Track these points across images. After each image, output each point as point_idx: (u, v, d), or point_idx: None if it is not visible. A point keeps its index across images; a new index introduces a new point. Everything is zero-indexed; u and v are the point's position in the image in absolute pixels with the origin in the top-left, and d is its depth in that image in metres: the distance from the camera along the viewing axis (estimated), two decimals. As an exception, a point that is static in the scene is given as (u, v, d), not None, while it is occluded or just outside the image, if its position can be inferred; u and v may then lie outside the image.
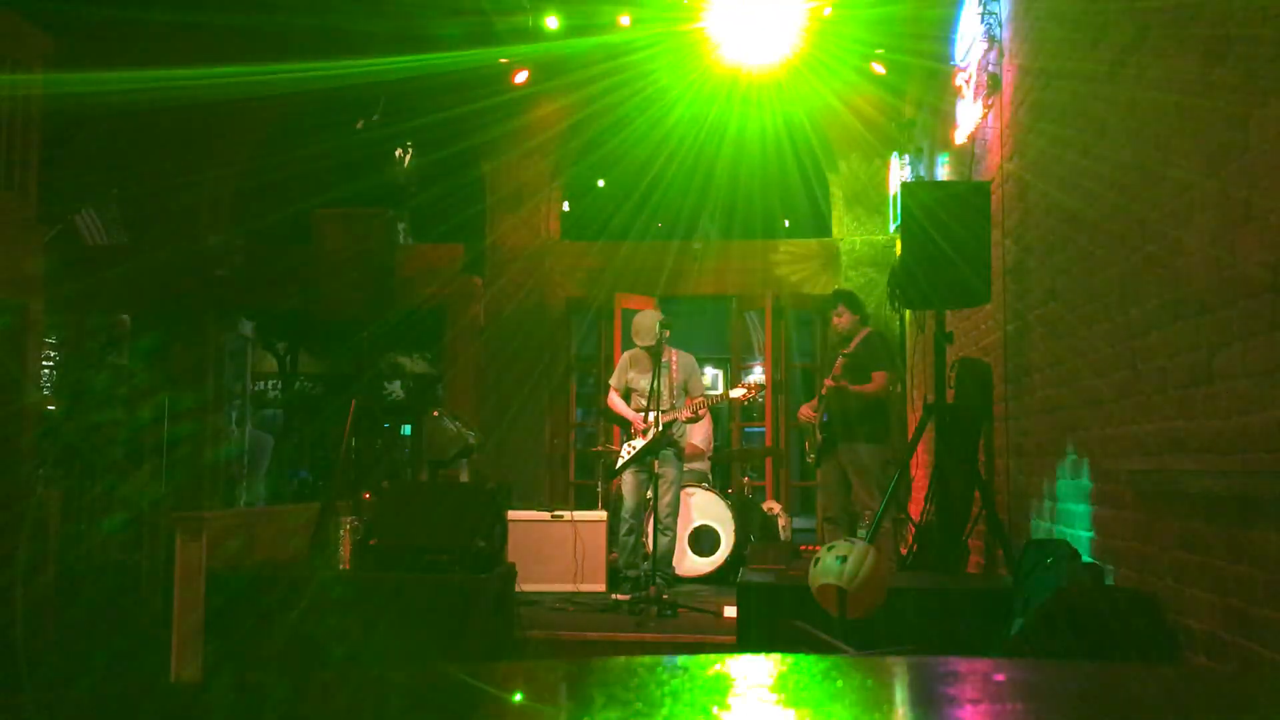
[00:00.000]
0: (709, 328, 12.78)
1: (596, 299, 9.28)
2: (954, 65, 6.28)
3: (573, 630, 5.49)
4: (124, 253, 10.21)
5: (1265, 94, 2.65)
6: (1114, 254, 3.73)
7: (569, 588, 6.74)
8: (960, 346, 6.20)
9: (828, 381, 6.06)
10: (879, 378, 6.09)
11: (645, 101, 9.62)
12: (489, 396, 9.24)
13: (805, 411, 6.39)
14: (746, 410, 9.11)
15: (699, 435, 7.52)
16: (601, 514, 7.04)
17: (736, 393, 6.40)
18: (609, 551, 6.94)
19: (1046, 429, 4.56)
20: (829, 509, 6.34)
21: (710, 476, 7.88)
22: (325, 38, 9.03)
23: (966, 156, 6.28)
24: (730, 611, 5.09)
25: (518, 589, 5.47)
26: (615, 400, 6.58)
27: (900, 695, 1.01)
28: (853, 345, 6.23)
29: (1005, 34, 5.44)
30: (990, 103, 5.64)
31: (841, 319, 6.33)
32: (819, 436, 6.21)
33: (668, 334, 6.28)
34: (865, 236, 9.19)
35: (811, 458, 6.42)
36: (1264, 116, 2.65)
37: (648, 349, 6.32)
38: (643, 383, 6.38)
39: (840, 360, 5.98)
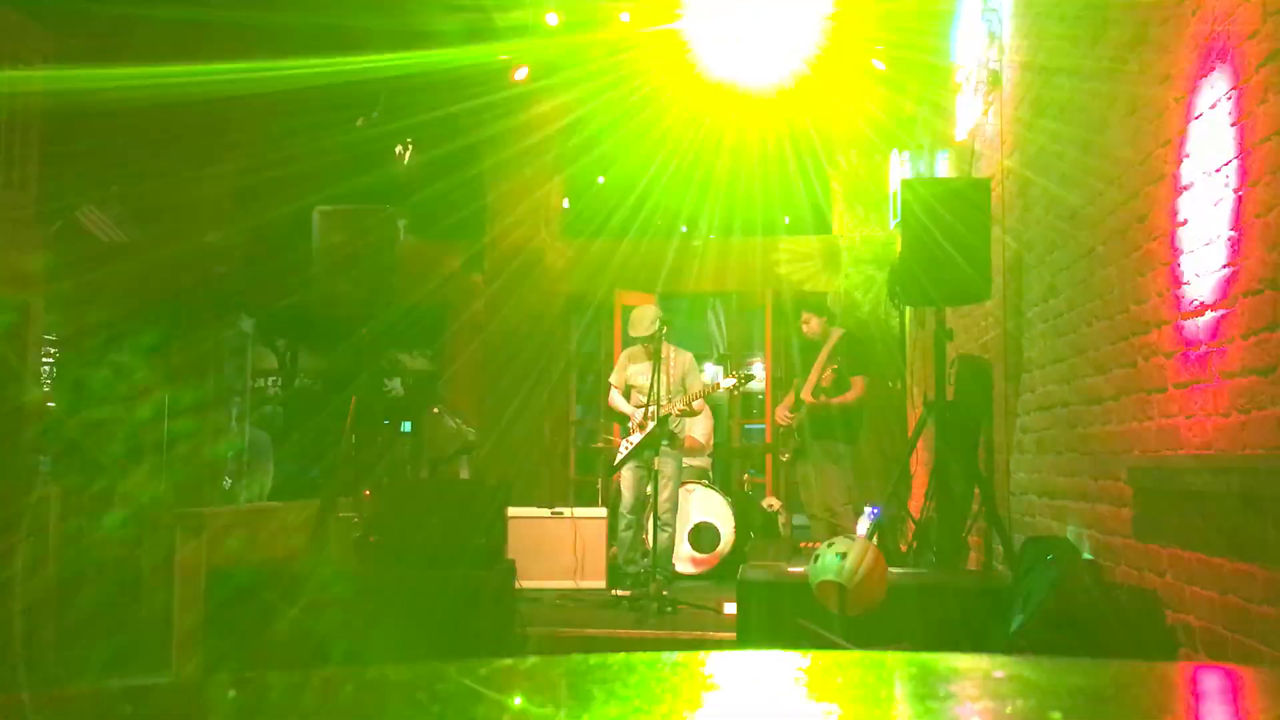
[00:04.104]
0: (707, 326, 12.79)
1: (596, 296, 9.28)
2: (954, 62, 6.28)
3: (572, 626, 5.50)
4: (124, 250, 10.21)
5: (1265, 91, 2.64)
6: (1114, 251, 3.73)
7: (569, 584, 6.74)
8: (960, 343, 6.20)
9: (810, 399, 6.11)
10: (858, 384, 6.12)
11: (645, 99, 9.61)
12: (489, 394, 9.23)
13: (782, 414, 6.41)
14: (746, 407, 9.12)
15: (700, 430, 7.52)
16: (601, 510, 7.04)
17: (727, 382, 6.41)
18: (609, 548, 6.94)
19: (1046, 425, 4.56)
20: (811, 505, 6.38)
21: (710, 473, 7.88)
22: (326, 34, 9.02)
23: (966, 153, 6.28)
24: (730, 608, 5.09)
25: (517, 585, 5.47)
26: (615, 398, 6.59)
27: (900, 692, 1.01)
28: (827, 350, 6.28)
29: (1005, 31, 5.44)
30: (990, 99, 5.64)
31: (810, 325, 6.37)
32: (796, 439, 6.27)
33: (665, 330, 6.27)
34: (865, 233, 9.18)
35: (786, 457, 6.49)
36: (1264, 114, 2.65)
37: (644, 340, 6.32)
38: (641, 379, 6.39)
39: (830, 374, 6.02)
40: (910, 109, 8.56)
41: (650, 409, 6.11)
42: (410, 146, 10.39)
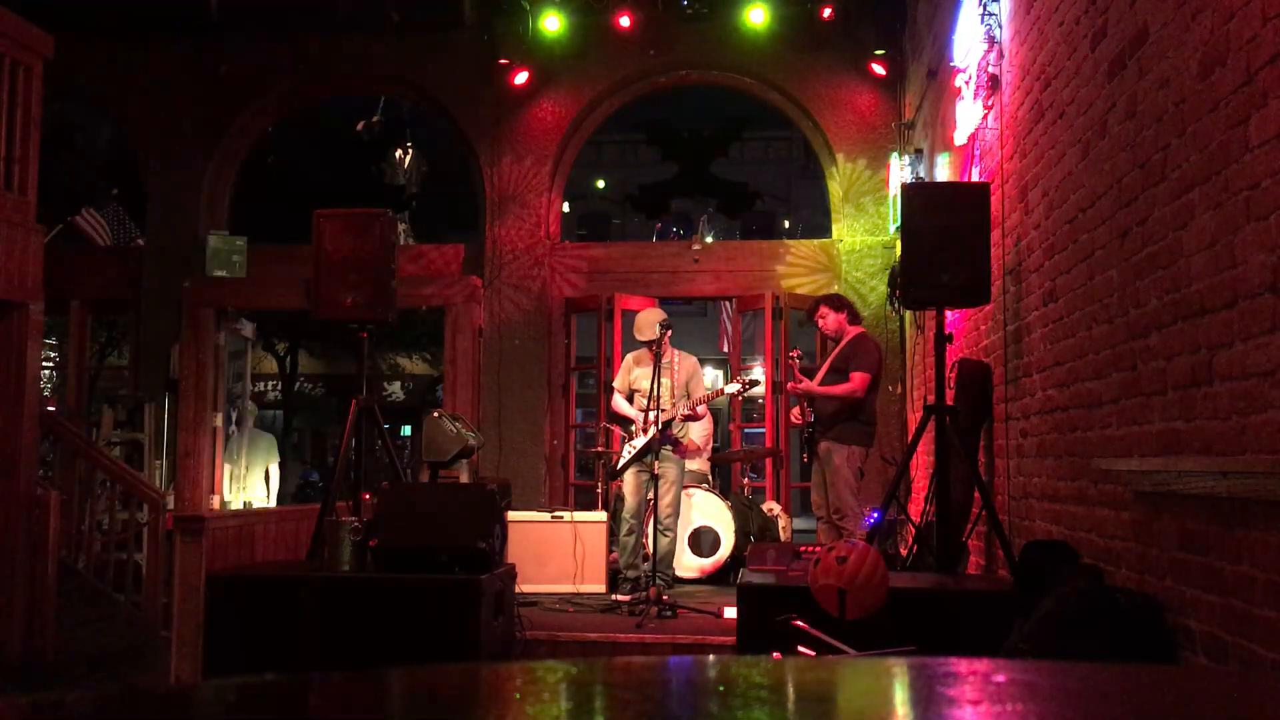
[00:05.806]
0: (710, 327, 12.80)
1: (596, 299, 9.28)
2: (954, 66, 6.28)
3: (572, 631, 5.49)
4: (124, 253, 10.22)
5: (1265, 94, 2.65)
6: (1114, 254, 3.73)
7: (569, 589, 6.73)
8: (960, 347, 6.20)
9: (789, 385, 6.12)
10: (855, 378, 6.05)
11: (646, 102, 9.63)
12: (489, 397, 9.23)
13: (795, 413, 6.41)
14: (747, 411, 9.11)
15: (699, 434, 7.52)
16: (601, 515, 7.03)
17: (731, 388, 6.40)
18: (609, 552, 6.93)
19: (1046, 429, 4.56)
20: (820, 508, 6.36)
21: (710, 477, 7.87)
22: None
23: (966, 157, 6.28)
24: (730, 612, 5.09)
25: (517, 590, 5.47)
26: (619, 402, 6.58)
27: (900, 696, 1.01)
28: (840, 346, 6.23)
29: (1005, 34, 5.44)
30: (990, 103, 5.64)
31: (826, 321, 6.30)
32: (808, 431, 6.24)
33: (669, 334, 6.26)
34: (865, 237, 9.19)
35: (805, 458, 6.46)
36: (1264, 116, 2.65)
37: (648, 344, 6.30)
38: (646, 383, 6.37)
39: (799, 363, 6.04)
40: (910, 113, 8.57)
41: (652, 414, 6.10)
42: (410, 151, 10.41)
